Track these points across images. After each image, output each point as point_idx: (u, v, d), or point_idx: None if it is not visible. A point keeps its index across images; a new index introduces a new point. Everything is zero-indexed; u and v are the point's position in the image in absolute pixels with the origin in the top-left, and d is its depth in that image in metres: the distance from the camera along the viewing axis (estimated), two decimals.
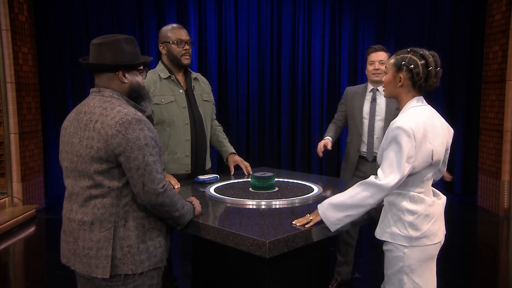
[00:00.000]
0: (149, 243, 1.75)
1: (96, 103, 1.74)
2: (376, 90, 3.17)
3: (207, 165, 2.93)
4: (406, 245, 1.87)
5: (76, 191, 1.75)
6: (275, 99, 6.47)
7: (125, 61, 1.78)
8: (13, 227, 4.80)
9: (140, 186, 1.66)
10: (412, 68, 1.88)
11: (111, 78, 1.79)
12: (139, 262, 1.71)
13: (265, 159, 6.43)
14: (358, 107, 3.19)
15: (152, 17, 6.21)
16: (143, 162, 1.65)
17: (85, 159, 1.68)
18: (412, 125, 1.82)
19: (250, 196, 2.26)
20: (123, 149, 1.64)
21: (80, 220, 1.72)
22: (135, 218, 1.72)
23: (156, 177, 1.68)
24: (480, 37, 5.93)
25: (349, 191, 1.87)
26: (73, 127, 1.75)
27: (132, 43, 1.82)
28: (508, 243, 4.74)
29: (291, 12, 6.33)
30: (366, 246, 4.37)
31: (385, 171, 1.81)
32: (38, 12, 5.84)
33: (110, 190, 1.69)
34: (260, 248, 1.67)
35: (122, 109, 1.70)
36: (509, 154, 5.22)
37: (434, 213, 1.91)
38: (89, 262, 1.69)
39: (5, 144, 5.18)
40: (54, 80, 6.08)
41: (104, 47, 1.77)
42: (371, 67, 3.17)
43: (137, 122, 1.67)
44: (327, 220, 1.86)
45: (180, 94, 2.75)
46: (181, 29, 2.80)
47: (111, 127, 1.65)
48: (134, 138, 1.65)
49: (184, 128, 2.73)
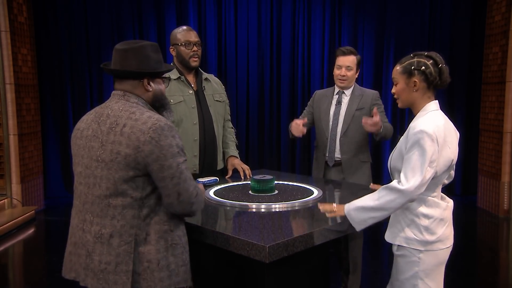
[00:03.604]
0: (171, 260, 1.63)
1: (121, 106, 1.65)
2: (342, 92, 3.12)
3: (219, 165, 2.92)
4: (422, 249, 1.87)
5: (90, 199, 1.62)
6: (275, 99, 6.47)
7: (151, 68, 1.71)
8: (12, 229, 4.79)
9: (174, 196, 1.59)
10: (424, 69, 1.88)
11: (135, 86, 1.71)
12: (158, 280, 1.59)
13: (264, 160, 6.43)
14: (324, 110, 3.13)
15: (151, 18, 6.21)
16: (177, 171, 1.58)
17: (108, 165, 1.57)
18: (435, 129, 1.81)
19: (250, 199, 2.25)
20: (156, 156, 1.55)
21: (96, 232, 1.60)
22: (157, 231, 1.62)
23: (190, 184, 1.63)
24: (480, 38, 5.93)
25: (374, 194, 1.88)
26: (91, 130, 1.64)
27: (157, 51, 1.75)
28: (508, 245, 4.74)
29: (291, 13, 6.33)
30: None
31: (407, 175, 1.80)
32: (37, 13, 5.83)
33: (132, 201, 1.58)
34: (260, 253, 1.66)
35: (152, 114, 1.62)
36: (509, 156, 5.22)
37: (448, 217, 1.92)
38: (106, 278, 1.57)
39: (4, 146, 5.17)
40: (54, 81, 6.08)
41: (129, 53, 1.68)
42: (338, 72, 3.06)
43: (169, 129, 1.60)
44: (351, 219, 1.89)
45: (189, 95, 2.77)
46: (190, 31, 2.82)
47: (143, 133, 1.55)
48: (167, 145, 1.57)
49: (192, 128, 2.74)
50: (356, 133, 3.04)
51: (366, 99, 3.08)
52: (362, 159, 3.10)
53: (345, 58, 3.04)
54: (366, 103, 3.07)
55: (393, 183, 1.83)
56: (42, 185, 5.82)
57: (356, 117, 3.03)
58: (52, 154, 6.19)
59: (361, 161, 3.10)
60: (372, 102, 3.08)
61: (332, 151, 3.07)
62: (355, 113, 3.05)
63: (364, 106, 3.06)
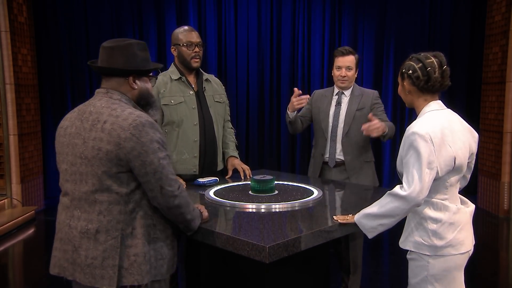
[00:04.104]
0: (152, 253, 1.67)
1: (104, 103, 1.67)
2: (342, 93, 3.10)
3: (219, 166, 2.92)
4: (430, 254, 1.84)
5: (77, 196, 1.65)
6: (275, 99, 6.47)
7: (137, 66, 1.73)
8: (12, 229, 4.79)
9: (158, 190, 1.62)
10: (410, 74, 1.88)
11: (121, 83, 1.73)
12: (145, 273, 1.63)
13: (264, 160, 6.43)
14: (324, 111, 3.11)
15: (151, 18, 6.21)
16: (159, 166, 1.61)
17: (91, 162, 1.60)
18: (428, 130, 1.79)
19: (250, 199, 2.25)
20: (138, 153, 1.58)
21: (83, 227, 1.62)
22: (142, 226, 1.65)
23: (172, 179, 1.66)
24: (480, 38, 5.92)
25: (380, 201, 1.86)
26: (75, 127, 1.67)
27: (144, 49, 1.77)
28: (508, 245, 4.74)
29: (291, 12, 6.33)
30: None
31: (407, 180, 1.78)
32: (37, 13, 5.83)
33: (118, 196, 1.61)
34: (260, 253, 1.66)
35: (133, 111, 1.65)
36: (509, 156, 5.22)
37: (460, 221, 1.86)
38: (93, 272, 1.59)
39: (4, 146, 5.17)
40: (54, 81, 6.08)
41: (116, 51, 1.70)
42: (338, 73, 3.04)
43: (150, 125, 1.62)
44: (362, 227, 1.89)
45: (190, 95, 2.77)
46: (192, 32, 2.82)
47: (123, 129, 1.58)
48: (148, 142, 1.60)
49: (192, 129, 2.74)
50: (358, 134, 3.01)
51: (366, 98, 3.07)
52: (365, 159, 3.09)
53: (345, 58, 3.01)
54: (366, 103, 3.06)
55: (395, 189, 1.81)
56: (42, 185, 5.81)
57: (357, 117, 3.02)
58: (52, 154, 6.11)
59: (365, 161, 3.08)
60: (372, 101, 3.06)
61: (333, 152, 3.06)
62: (356, 114, 3.03)
63: (364, 106, 3.04)
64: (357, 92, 3.10)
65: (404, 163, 1.82)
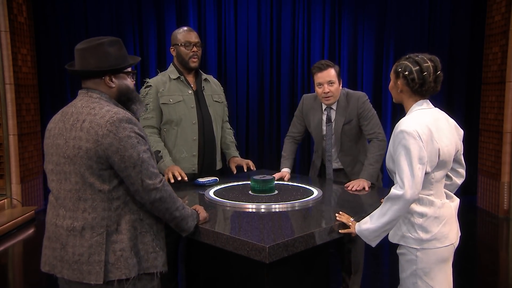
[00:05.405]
0: (140, 247, 1.69)
1: (84, 103, 1.71)
2: (330, 108, 2.97)
3: (218, 165, 2.94)
4: (418, 247, 1.89)
5: (62, 195, 1.68)
6: (275, 99, 6.46)
7: (110, 65, 1.74)
8: (12, 229, 4.79)
9: (139, 183, 1.64)
10: (407, 75, 1.90)
11: (97, 83, 1.75)
12: (132, 266, 1.66)
13: (264, 160, 6.43)
14: (316, 127, 3.03)
15: (151, 18, 6.20)
16: (139, 159, 1.63)
17: (73, 161, 1.63)
18: (416, 127, 1.82)
19: (250, 199, 2.25)
20: (116, 148, 1.61)
21: (69, 225, 1.66)
22: (128, 221, 1.68)
23: (153, 172, 1.67)
24: (479, 38, 5.92)
25: (381, 209, 1.89)
26: (58, 128, 1.71)
27: (117, 45, 1.78)
28: (508, 245, 4.74)
29: (290, 12, 6.32)
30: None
31: (401, 178, 1.82)
32: (37, 13, 5.82)
33: (101, 194, 1.64)
34: (260, 253, 1.66)
35: (111, 108, 1.67)
36: (509, 156, 5.22)
37: (444, 215, 1.91)
38: (80, 268, 1.63)
39: (4, 146, 5.17)
40: (53, 81, 6.07)
41: (87, 52, 1.72)
42: (320, 90, 2.84)
43: (127, 120, 1.65)
44: (365, 238, 1.94)
45: (189, 95, 2.79)
46: (191, 32, 2.85)
47: (101, 127, 1.61)
48: (126, 137, 1.62)
49: (191, 127, 2.76)
50: (352, 145, 3.01)
51: (352, 109, 2.93)
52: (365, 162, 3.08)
53: (323, 73, 2.82)
54: (352, 114, 2.93)
55: (392, 192, 1.85)
56: (42, 185, 5.80)
57: (347, 131, 2.95)
58: None
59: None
60: (358, 111, 2.93)
61: (330, 166, 3.07)
62: (345, 128, 2.95)
63: (351, 118, 2.93)
64: (343, 103, 2.95)
65: (396, 162, 1.86)
